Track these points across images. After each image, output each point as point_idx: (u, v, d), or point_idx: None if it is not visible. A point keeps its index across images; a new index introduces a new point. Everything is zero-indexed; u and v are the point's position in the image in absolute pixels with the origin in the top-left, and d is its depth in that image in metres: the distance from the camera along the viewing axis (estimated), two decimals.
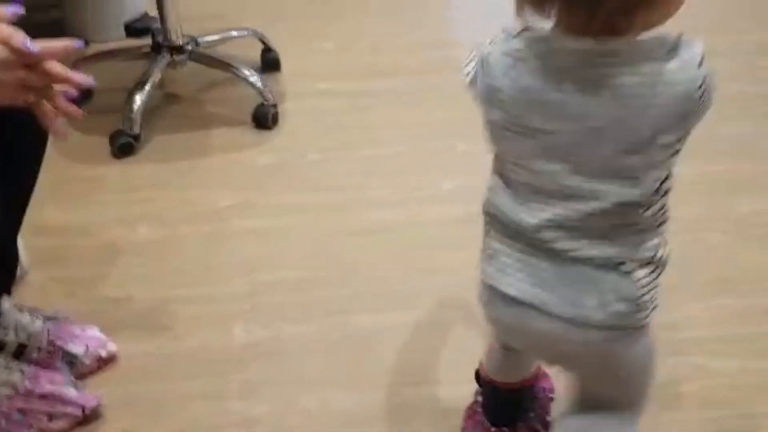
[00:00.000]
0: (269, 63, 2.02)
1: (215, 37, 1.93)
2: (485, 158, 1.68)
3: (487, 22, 2.45)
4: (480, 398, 1.02)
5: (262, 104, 1.75)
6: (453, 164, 1.65)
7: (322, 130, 1.78)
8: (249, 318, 1.25)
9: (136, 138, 1.66)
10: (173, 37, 1.76)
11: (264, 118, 1.75)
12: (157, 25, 1.79)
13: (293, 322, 1.24)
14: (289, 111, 1.85)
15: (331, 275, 1.34)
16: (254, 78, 1.78)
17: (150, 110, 1.74)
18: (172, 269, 1.36)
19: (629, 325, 0.75)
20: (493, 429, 0.99)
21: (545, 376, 1.06)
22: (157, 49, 1.79)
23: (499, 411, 0.99)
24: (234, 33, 1.99)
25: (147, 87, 1.69)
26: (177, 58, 1.78)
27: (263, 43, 2.02)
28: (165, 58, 1.77)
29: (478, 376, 1.01)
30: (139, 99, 1.67)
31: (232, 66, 1.82)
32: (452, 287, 1.30)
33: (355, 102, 1.91)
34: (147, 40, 1.85)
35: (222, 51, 1.97)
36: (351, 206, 1.51)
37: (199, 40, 1.84)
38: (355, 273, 1.34)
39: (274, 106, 1.77)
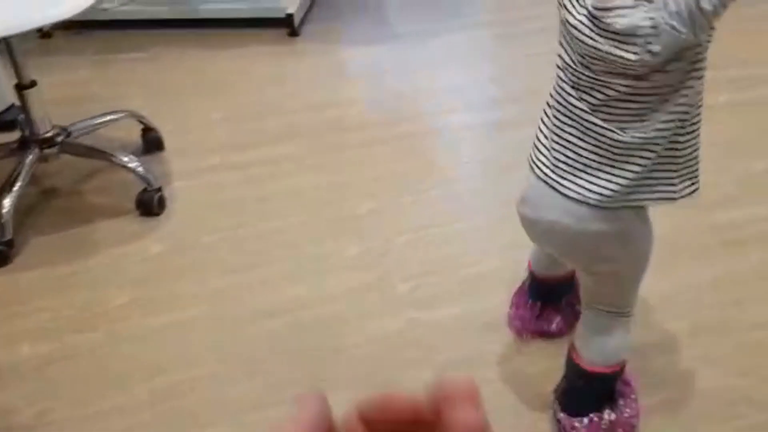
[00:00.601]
0: (151, 143, 1.93)
1: (89, 123, 1.83)
2: (389, 216, 1.64)
3: (382, 77, 2.49)
4: (527, 282, 1.26)
5: (146, 189, 1.66)
6: (355, 228, 1.60)
7: (215, 208, 1.70)
8: (152, 431, 1.14)
9: (9, 244, 1.53)
10: (40, 130, 1.65)
11: (149, 204, 1.65)
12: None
13: (202, 427, 1.15)
14: (177, 192, 1.76)
15: (239, 369, 1.26)
16: (134, 163, 1.69)
17: (24, 210, 1.62)
18: (64, 387, 1.24)
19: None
20: (530, 301, 1.25)
21: None
22: (24, 144, 1.68)
23: (538, 293, 1.25)
24: (109, 116, 1.89)
25: (16, 187, 1.57)
26: (47, 151, 1.67)
27: (142, 123, 1.93)
28: (34, 152, 1.65)
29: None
30: (8, 202, 1.54)
31: (108, 153, 1.72)
32: (367, 363, 1.24)
33: (248, 173, 1.84)
34: (16, 135, 1.73)
35: (100, 135, 1.87)
36: (253, 288, 1.43)
37: (71, 128, 1.74)
38: (265, 362, 1.26)
39: (159, 189, 1.67)
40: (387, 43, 2.61)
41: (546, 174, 0.95)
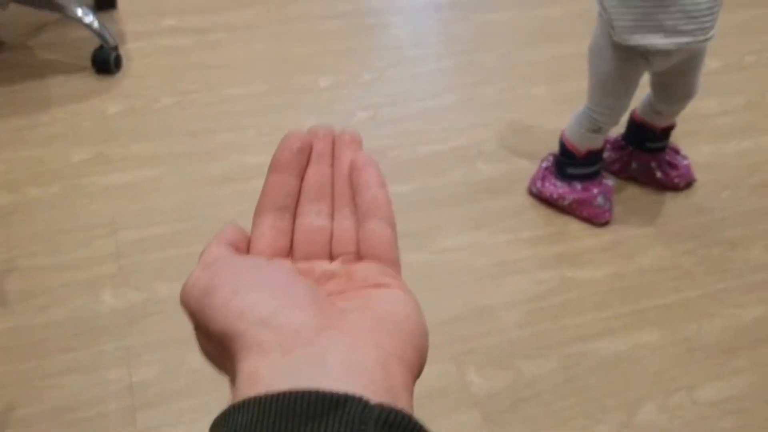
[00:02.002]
0: (103, 0, 1.84)
1: None
2: (349, 92, 1.65)
3: None
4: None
5: (102, 47, 1.60)
6: (315, 101, 1.60)
7: (172, 71, 1.66)
8: (118, 281, 1.17)
9: None
10: None
11: (105, 63, 1.60)
12: None
13: (168, 280, 1.17)
14: (133, 53, 1.71)
15: (203, 227, 1.27)
16: (89, 18, 1.62)
17: None
18: (27, 237, 1.24)
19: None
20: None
21: None
22: None
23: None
24: None
25: None
26: None
27: None
28: None
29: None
30: None
31: (60, 4, 1.64)
32: None
33: (207, 38, 1.80)
34: None
35: None
36: (215, 152, 1.43)
37: None
38: (231, 221, 1.28)
39: (115, 48, 1.62)
40: None
41: None
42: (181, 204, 1.31)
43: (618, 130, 1.35)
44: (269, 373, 0.24)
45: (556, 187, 1.32)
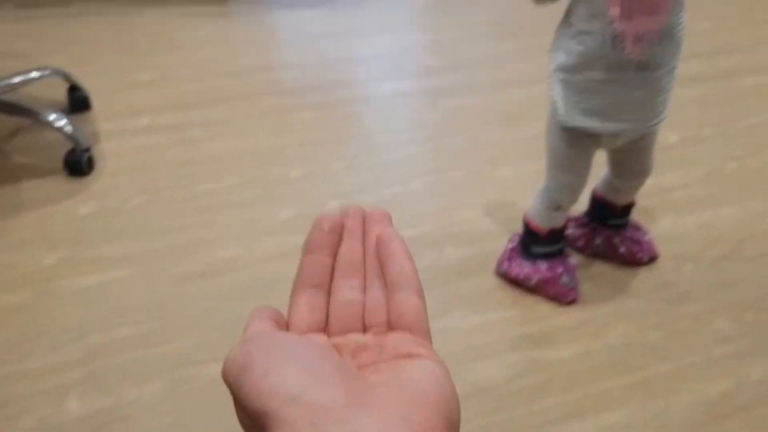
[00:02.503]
0: (78, 102, 1.90)
1: (13, 81, 1.78)
2: (321, 181, 1.68)
3: (316, 42, 2.48)
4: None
5: (73, 149, 1.64)
6: (287, 192, 1.63)
7: (146, 169, 1.70)
8: (85, 387, 1.16)
9: None
10: None
11: (77, 165, 1.63)
12: None
13: (135, 384, 1.17)
14: (106, 153, 1.75)
15: (172, 326, 1.27)
16: (61, 122, 1.66)
17: None
18: None
19: None
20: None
21: None
22: None
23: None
24: (34, 74, 1.85)
25: None
26: None
27: (68, 81, 1.89)
28: None
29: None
30: None
31: (33, 111, 1.69)
32: None
33: (181, 135, 1.84)
34: None
35: (25, 94, 1.83)
36: (185, 249, 1.44)
37: None
38: (198, 321, 1.28)
39: (87, 149, 1.66)
40: (321, 7, 2.61)
41: None
42: (149, 303, 1.32)
43: (581, 207, 1.38)
44: None
45: (522, 268, 1.34)
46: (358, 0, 2.68)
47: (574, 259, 1.39)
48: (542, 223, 1.30)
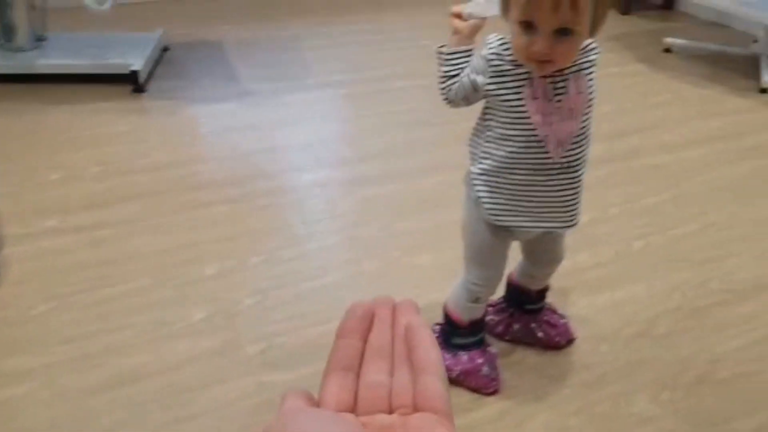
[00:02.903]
0: None
1: None
2: (238, 277, 1.64)
3: (233, 135, 2.48)
4: None
5: None
6: (200, 291, 1.59)
7: (52, 274, 1.62)
8: None
9: None
10: None
11: None
12: None
13: None
14: (12, 258, 1.67)
15: None
16: None
17: None
18: None
19: None
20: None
21: None
22: None
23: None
24: None
25: None
26: None
27: None
28: None
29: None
30: None
31: None
32: (216, 430, 1.22)
33: (90, 236, 1.78)
34: None
35: None
36: (92, 358, 1.37)
37: None
38: None
39: None
40: (237, 100, 2.63)
41: None
42: (53, 421, 1.23)
43: (498, 292, 1.39)
44: None
45: (444, 359, 1.32)
46: (276, 92, 2.71)
47: (495, 347, 1.39)
48: (463, 315, 1.30)
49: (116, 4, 2.57)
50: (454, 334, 1.32)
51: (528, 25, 0.99)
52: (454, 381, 1.31)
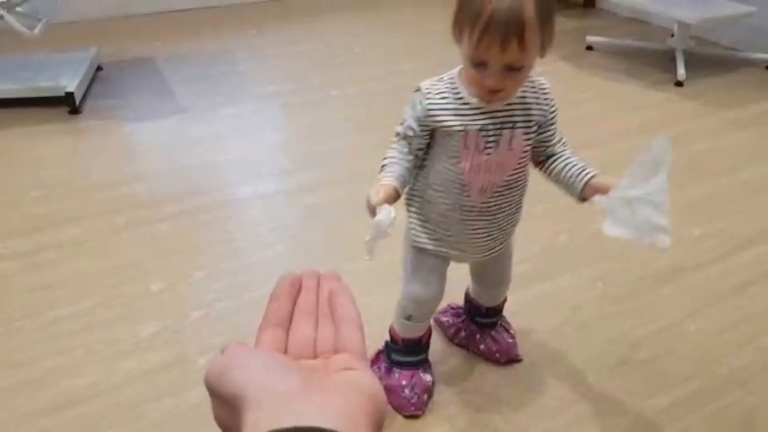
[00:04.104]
0: None
1: None
2: (182, 292, 1.68)
3: (171, 152, 2.50)
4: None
5: None
6: (147, 308, 1.62)
7: None
8: None
9: None
10: None
11: None
12: None
13: None
14: None
15: None
16: None
17: None
18: None
19: None
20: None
21: None
22: None
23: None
24: None
25: None
26: None
27: None
28: None
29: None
30: None
31: None
32: None
33: (33, 260, 1.80)
34: None
35: None
36: (41, 381, 1.40)
37: None
38: None
39: None
40: (172, 117, 2.65)
41: None
42: None
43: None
44: (267, 420, 0.34)
45: (380, 371, 1.38)
46: (212, 107, 2.74)
47: (429, 377, 1.39)
48: (399, 331, 1.35)
49: (47, 26, 2.56)
50: (392, 349, 1.37)
51: (479, 63, 1.04)
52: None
